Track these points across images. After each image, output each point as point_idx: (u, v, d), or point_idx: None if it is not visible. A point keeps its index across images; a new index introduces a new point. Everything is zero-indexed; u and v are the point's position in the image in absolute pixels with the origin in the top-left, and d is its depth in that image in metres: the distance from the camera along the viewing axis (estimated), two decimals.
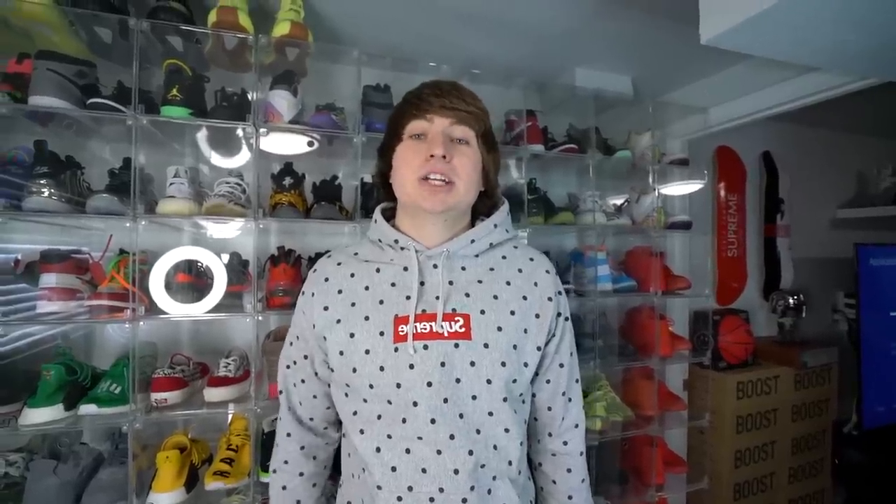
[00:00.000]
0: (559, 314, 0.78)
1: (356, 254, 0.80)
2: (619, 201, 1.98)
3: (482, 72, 1.65)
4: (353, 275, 0.76)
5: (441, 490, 0.66)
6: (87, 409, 1.15)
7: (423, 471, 0.66)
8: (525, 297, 0.75)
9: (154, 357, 1.40)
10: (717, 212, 2.42)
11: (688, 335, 2.14)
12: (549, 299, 0.77)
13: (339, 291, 0.75)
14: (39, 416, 1.12)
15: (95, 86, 1.23)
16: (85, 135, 1.40)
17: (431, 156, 0.69)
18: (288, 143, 1.53)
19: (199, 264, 1.29)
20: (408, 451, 0.67)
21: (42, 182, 1.13)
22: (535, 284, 0.77)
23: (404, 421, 0.67)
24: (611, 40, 1.70)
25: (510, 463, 0.72)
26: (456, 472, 0.66)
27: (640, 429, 1.76)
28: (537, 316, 0.75)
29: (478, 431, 0.69)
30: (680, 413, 1.93)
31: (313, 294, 0.77)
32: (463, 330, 0.69)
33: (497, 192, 0.83)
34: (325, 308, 0.75)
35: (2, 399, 1.15)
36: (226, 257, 1.38)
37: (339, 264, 0.79)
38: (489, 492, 0.69)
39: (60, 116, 1.24)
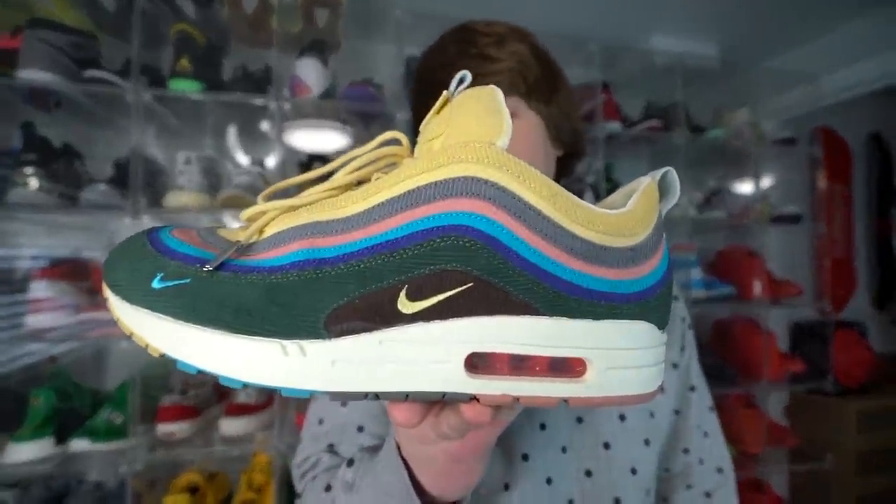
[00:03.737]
0: (683, 319, 0.57)
1: None
2: (705, 193, 1.66)
3: (542, 40, 1.38)
4: None
5: None
6: (78, 444, 0.96)
7: None
8: None
9: (165, 378, 1.20)
10: (819, 205, 2.04)
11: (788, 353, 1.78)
12: (675, 298, 0.57)
13: None
14: (25, 452, 0.93)
15: (96, 59, 1.06)
16: (94, 124, 1.23)
17: None
18: (319, 137, 1.31)
19: None
20: None
21: (29, 171, 0.95)
22: None
23: (507, 487, 0.44)
24: None
25: None
26: None
27: (744, 470, 1.43)
28: None
29: (616, 501, 0.45)
30: (786, 450, 1.58)
31: None
32: None
33: (582, 145, 0.57)
34: None
35: None
36: None
37: None
38: None
39: (58, 97, 1.07)
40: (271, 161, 1.36)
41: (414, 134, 0.52)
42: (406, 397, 0.21)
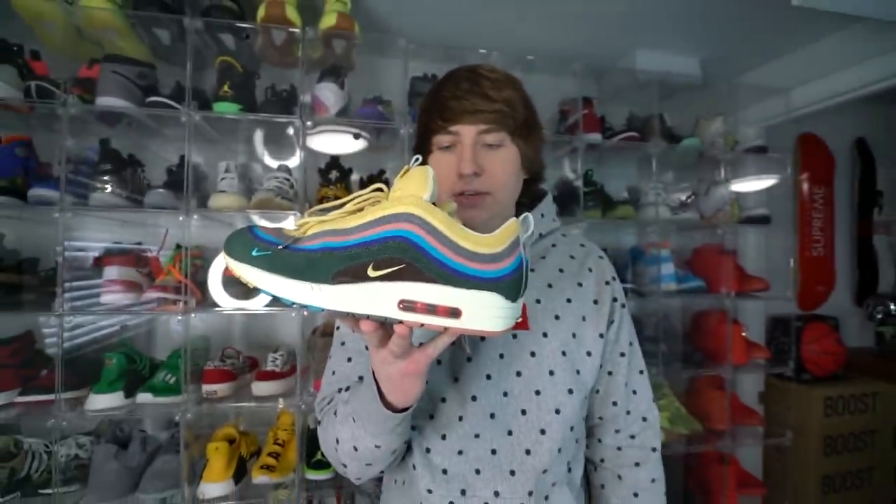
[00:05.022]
0: (615, 299, 0.73)
1: None
2: (683, 195, 1.81)
3: (535, 58, 1.56)
4: None
5: (496, 494, 0.62)
6: (143, 397, 1.20)
7: (477, 472, 0.62)
8: (580, 284, 0.71)
9: (207, 350, 1.44)
10: (800, 207, 2.16)
11: (764, 343, 1.93)
12: (607, 283, 0.73)
13: None
14: (102, 401, 1.18)
15: (155, 86, 1.28)
16: (149, 135, 1.46)
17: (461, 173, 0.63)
18: (337, 142, 1.53)
19: None
20: (461, 452, 0.63)
21: (105, 179, 1.18)
22: (590, 270, 0.73)
23: (461, 419, 0.63)
24: (677, 16, 1.55)
25: (569, 468, 0.68)
26: (512, 472, 0.62)
27: (709, 444, 1.60)
28: (595, 302, 0.71)
29: (542, 431, 0.64)
30: (755, 429, 1.74)
31: None
32: (520, 319, 0.64)
33: (543, 175, 0.77)
34: None
35: (72, 385, 1.22)
36: None
37: None
38: (546, 498, 0.64)
39: (125, 117, 1.30)
40: (294, 162, 1.58)
41: (417, 139, 0.71)
42: (367, 316, 0.42)
